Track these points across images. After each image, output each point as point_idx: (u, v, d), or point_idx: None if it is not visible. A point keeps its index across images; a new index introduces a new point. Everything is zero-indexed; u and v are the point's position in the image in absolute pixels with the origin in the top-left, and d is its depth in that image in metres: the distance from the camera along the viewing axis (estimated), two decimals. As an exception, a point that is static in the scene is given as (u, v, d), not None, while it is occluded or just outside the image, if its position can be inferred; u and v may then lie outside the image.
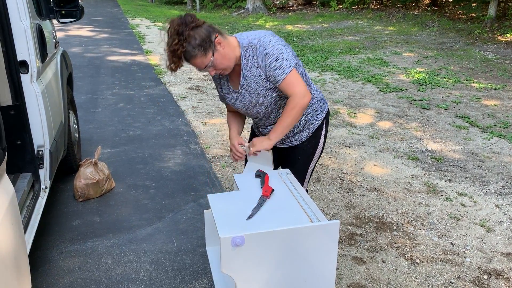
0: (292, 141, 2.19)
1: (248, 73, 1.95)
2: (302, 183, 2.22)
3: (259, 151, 2.04)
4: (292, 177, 1.95)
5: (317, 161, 2.28)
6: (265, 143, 2.00)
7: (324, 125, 2.21)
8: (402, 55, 8.80)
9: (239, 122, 2.26)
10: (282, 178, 1.93)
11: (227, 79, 2.06)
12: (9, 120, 2.46)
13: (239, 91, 2.01)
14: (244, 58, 1.93)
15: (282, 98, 2.02)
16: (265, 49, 1.88)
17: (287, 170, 2.01)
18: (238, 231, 1.51)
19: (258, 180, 1.91)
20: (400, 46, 9.74)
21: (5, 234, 1.50)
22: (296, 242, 1.55)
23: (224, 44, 1.85)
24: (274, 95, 1.98)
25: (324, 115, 2.20)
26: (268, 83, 1.95)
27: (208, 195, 1.79)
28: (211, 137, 4.59)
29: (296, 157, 2.21)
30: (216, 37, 1.81)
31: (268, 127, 2.17)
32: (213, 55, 1.81)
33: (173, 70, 1.80)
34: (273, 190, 1.81)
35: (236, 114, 2.26)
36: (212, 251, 2.04)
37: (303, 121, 2.12)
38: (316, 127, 2.17)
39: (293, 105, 1.87)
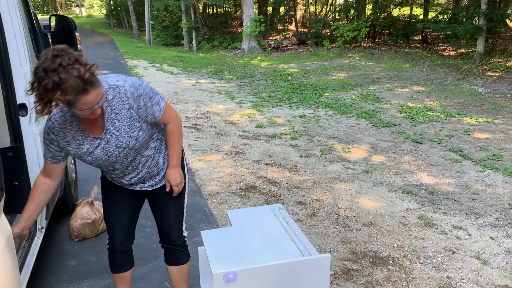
0: (162, 180, 2.14)
1: (117, 116, 1.83)
2: (181, 223, 2.17)
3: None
4: (284, 212, 1.98)
5: (187, 196, 2.25)
6: (177, 174, 2.06)
7: (183, 156, 2.26)
8: (395, 91, 8.99)
9: (44, 200, 1.98)
10: (275, 213, 1.96)
11: (79, 129, 1.85)
12: (8, 161, 2.51)
13: (103, 137, 1.85)
14: (106, 101, 1.80)
15: (149, 139, 1.98)
16: (137, 90, 1.82)
17: (280, 205, 2.04)
18: (230, 266, 1.53)
19: (253, 216, 1.93)
20: (392, 82, 9.95)
21: (0, 275, 1.52)
22: (288, 276, 1.57)
23: None
24: (144, 135, 1.92)
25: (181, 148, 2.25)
26: (141, 123, 1.89)
27: (201, 231, 1.82)
28: (207, 174, 4.63)
29: (169, 194, 2.16)
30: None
31: (131, 174, 2.04)
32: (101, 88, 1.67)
33: (45, 110, 1.57)
34: None
35: (46, 187, 1.97)
36: (206, 288, 2.05)
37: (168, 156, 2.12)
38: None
39: (177, 127, 2.02)
